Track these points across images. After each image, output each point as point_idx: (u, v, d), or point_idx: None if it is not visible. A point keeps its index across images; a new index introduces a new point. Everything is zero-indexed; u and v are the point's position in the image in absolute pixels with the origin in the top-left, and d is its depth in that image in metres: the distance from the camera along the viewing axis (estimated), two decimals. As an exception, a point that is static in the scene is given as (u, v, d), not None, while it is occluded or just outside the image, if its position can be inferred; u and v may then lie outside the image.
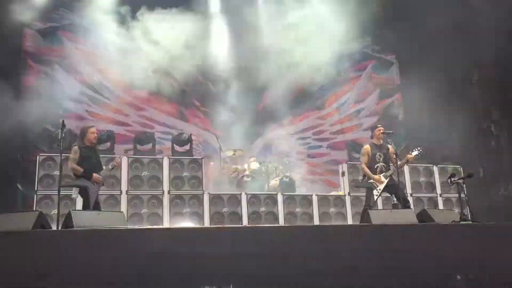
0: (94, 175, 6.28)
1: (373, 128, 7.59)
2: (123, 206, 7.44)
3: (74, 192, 6.25)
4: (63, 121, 6.08)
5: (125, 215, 6.79)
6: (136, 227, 6.37)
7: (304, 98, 12.10)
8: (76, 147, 6.46)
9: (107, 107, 10.49)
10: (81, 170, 6.24)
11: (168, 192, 7.78)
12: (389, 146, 7.26)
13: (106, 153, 8.10)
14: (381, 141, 7.33)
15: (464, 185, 7.19)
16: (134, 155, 8.23)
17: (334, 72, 12.39)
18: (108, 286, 3.90)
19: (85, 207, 6.28)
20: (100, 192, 7.39)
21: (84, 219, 4.66)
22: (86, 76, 10.39)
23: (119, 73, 10.55)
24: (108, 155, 7.89)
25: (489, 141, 10.78)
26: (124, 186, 7.59)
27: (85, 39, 10.42)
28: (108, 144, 8.60)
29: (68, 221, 4.64)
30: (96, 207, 6.38)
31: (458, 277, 4.83)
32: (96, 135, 6.61)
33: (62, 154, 6.31)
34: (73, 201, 7.05)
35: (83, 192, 6.28)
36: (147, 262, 3.95)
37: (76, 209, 6.72)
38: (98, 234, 4.13)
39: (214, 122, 11.06)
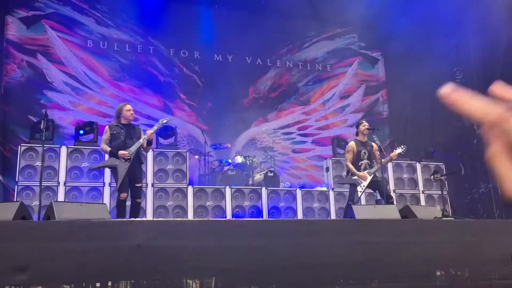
0: (120, 151, 6.05)
1: (358, 124, 7.60)
2: (106, 198, 7.38)
3: None
4: (45, 111, 6.00)
5: (108, 207, 6.74)
6: (119, 219, 6.32)
7: (289, 93, 12.13)
8: (106, 127, 6.35)
9: (91, 98, 10.37)
10: (109, 149, 6.10)
11: (152, 185, 7.74)
12: (373, 143, 7.31)
13: (89, 145, 8.03)
14: (366, 138, 7.37)
15: (446, 181, 7.28)
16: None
17: (320, 67, 12.46)
18: (90, 278, 3.86)
19: (121, 188, 6.11)
20: (83, 184, 7.36)
21: (66, 211, 4.60)
22: (70, 66, 10.25)
23: (103, 64, 10.45)
24: (91, 147, 7.83)
25: (471, 140, 10.92)
26: (107, 178, 7.53)
27: (69, 29, 10.29)
28: (92, 136, 8.51)
29: (49, 212, 4.58)
30: (133, 188, 6.16)
31: (438, 272, 4.89)
32: (132, 112, 6.40)
33: (44, 145, 6.24)
34: (55, 193, 6.98)
35: (113, 172, 6.16)
36: (129, 254, 3.92)
37: (58, 200, 6.65)
38: (80, 225, 4.08)
39: (200, 115, 11.02)
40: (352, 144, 7.33)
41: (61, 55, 10.22)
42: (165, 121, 6.62)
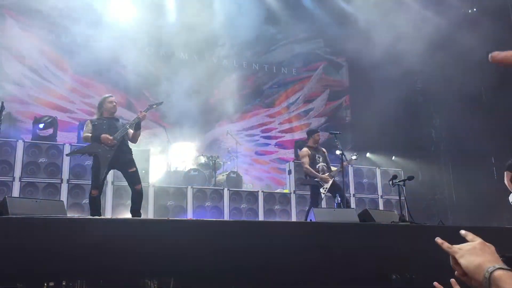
0: (103, 136, 5.59)
1: (312, 131, 7.74)
2: (63, 196, 7.19)
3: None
4: (2, 103, 5.77)
5: (65, 205, 6.56)
6: (76, 216, 6.17)
7: (254, 95, 12.16)
8: (88, 121, 5.90)
9: (51, 93, 10.09)
10: (90, 135, 5.66)
11: (112, 183, 7.58)
12: (323, 148, 7.54)
13: (48, 139, 7.80)
14: (317, 145, 7.56)
15: (404, 187, 7.45)
16: (77, 143, 7.97)
17: (286, 71, 12.55)
18: (43, 277, 3.75)
19: (94, 177, 5.65)
20: (40, 180, 7.13)
21: (20, 207, 4.44)
22: (30, 58, 9.94)
23: (65, 58, 10.18)
24: (50, 142, 7.62)
25: (429, 147, 11.23)
26: (65, 174, 7.33)
27: (31, 20, 9.97)
28: (51, 130, 8.26)
29: (2, 208, 4.41)
30: (132, 179, 5.76)
31: (394, 276, 4.99)
32: (115, 104, 5.94)
33: (0, 138, 6.02)
34: (10, 188, 6.76)
35: (94, 161, 5.69)
36: (86, 253, 3.83)
37: (12, 196, 6.43)
38: (34, 222, 3.96)
39: (164, 114, 10.89)
40: (305, 149, 7.51)
41: (22, 47, 9.90)
42: (155, 106, 6.20)
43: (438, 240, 1.31)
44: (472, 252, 1.21)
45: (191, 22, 11.02)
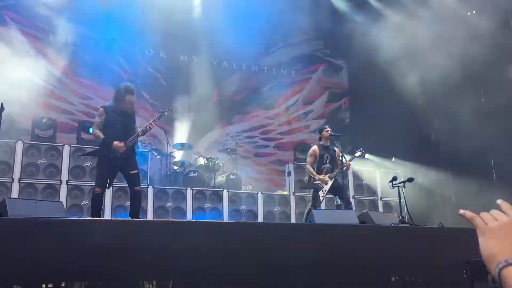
0: (115, 142, 5.48)
1: (321, 129, 7.72)
2: (63, 197, 7.17)
3: None
4: (2, 104, 5.76)
5: (64, 206, 6.54)
6: (75, 217, 6.16)
7: (254, 97, 12.15)
8: (101, 109, 5.68)
9: (51, 94, 10.07)
10: (102, 137, 5.55)
11: (112, 185, 7.56)
12: (336, 148, 7.43)
13: (48, 140, 7.79)
14: (329, 142, 7.49)
15: (404, 189, 7.44)
16: (77, 144, 7.96)
17: (285, 73, 12.55)
18: (42, 278, 3.74)
19: (99, 176, 5.64)
20: (39, 181, 7.12)
21: (20, 208, 4.44)
22: (29, 59, 9.92)
23: (65, 59, 10.16)
24: (49, 143, 7.61)
25: (428, 149, 11.22)
26: (64, 176, 7.31)
27: (30, 21, 9.96)
28: (50, 132, 8.25)
29: (2, 209, 4.41)
30: (132, 187, 5.70)
31: (393, 278, 4.99)
32: (133, 105, 5.76)
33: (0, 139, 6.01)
34: (9, 189, 6.75)
35: (101, 160, 5.61)
36: (85, 254, 3.82)
37: (12, 197, 6.42)
38: (33, 223, 3.95)
39: (163, 116, 10.85)
40: (315, 148, 7.43)
41: (21, 48, 9.88)
42: (166, 113, 6.16)
43: (461, 211, 1.12)
44: (494, 234, 1.01)
45: (191, 24, 11.03)
